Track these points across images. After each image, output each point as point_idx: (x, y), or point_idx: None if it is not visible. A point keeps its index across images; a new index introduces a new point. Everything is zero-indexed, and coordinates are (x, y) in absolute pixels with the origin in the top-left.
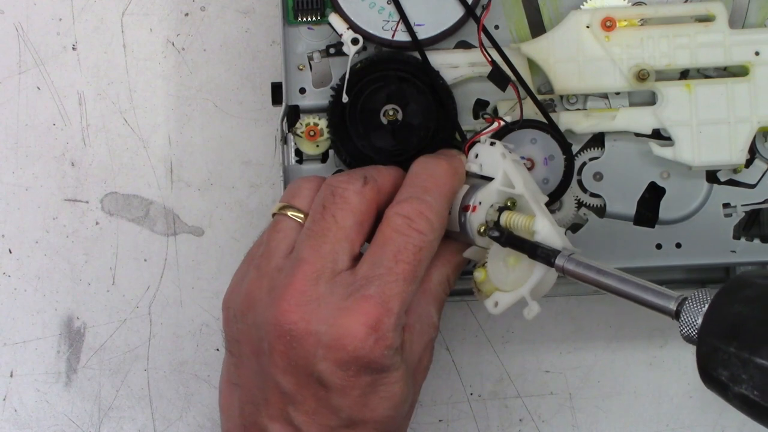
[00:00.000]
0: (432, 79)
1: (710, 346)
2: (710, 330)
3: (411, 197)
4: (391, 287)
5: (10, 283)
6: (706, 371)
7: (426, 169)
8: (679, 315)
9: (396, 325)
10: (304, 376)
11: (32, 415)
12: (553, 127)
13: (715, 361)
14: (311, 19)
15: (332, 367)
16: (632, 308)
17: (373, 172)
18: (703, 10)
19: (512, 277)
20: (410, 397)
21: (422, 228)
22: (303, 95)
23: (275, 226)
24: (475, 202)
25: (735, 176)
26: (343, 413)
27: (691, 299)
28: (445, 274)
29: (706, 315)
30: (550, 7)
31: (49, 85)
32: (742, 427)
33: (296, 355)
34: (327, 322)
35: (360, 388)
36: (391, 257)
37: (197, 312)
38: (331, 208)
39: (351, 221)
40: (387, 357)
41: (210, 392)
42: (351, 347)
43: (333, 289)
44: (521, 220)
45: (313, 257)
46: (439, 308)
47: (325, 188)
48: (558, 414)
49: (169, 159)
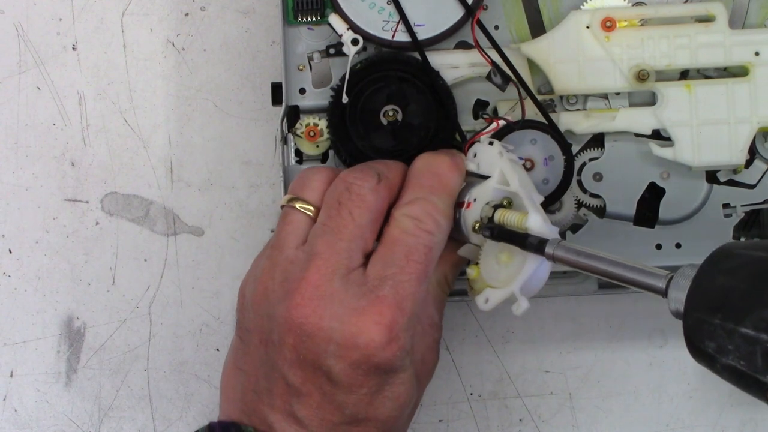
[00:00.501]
0: (432, 80)
1: (696, 318)
2: (695, 303)
3: (418, 198)
4: (405, 287)
5: (10, 283)
6: (693, 344)
7: (430, 168)
8: (667, 292)
9: (408, 326)
10: (311, 370)
11: (32, 415)
12: (553, 128)
13: (702, 333)
14: (311, 19)
15: (343, 365)
16: (632, 308)
17: (384, 169)
18: (703, 10)
19: (504, 274)
20: (414, 399)
21: (431, 228)
22: (303, 95)
23: (285, 218)
24: (470, 198)
25: (735, 176)
26: (348, 410)
27: (677, 275)
28: (442, 273)
29: (690, 288)
30: (550, 8)
31: (49, 85)
32: (742, 427)
33: (306, 349)
34: (340, 319)
35: (368, 387)
36: (402, 257)
37: (197, 312)
38: (348, 204)
39: (367, 219)
40: (399, 359)
41: (210, 392)
42: (364, 348)
43: (347, 287)
44: (514, 217)
45: (328, 253)
46: (439, 308)
47: (340, 183)
48: (558, 414)
49: (169, 159)
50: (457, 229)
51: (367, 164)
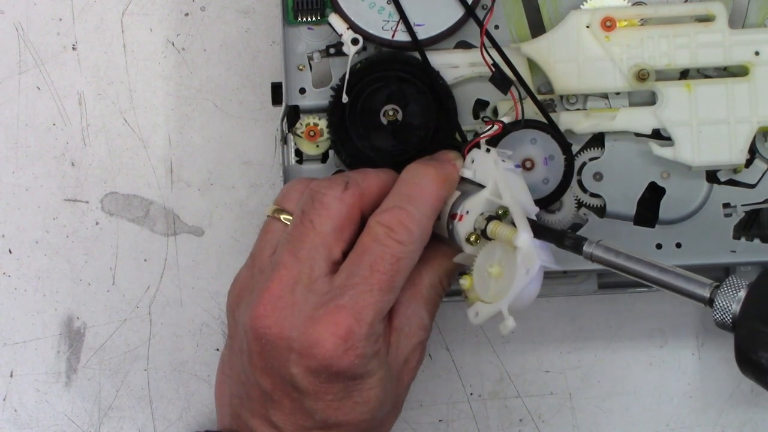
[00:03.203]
0: (432, 80)
1: (750, 328)
2: (751, 313)
3: (393, 206)
4: (365, 297)
5: (10, 283)
6: (745, 354)
7: (412, 177)
8: (713, 301)
9: (369, 334)
10: (278, 378)
11: (32, 415)
12: (553, 127)
13: (756, 343)
14: (311, 19)
15: (304, 373)
16: (632, 308)
17: (357, 177)
18: (703, 10)
19: (494, 288)
20: (389, 402)
21: (402, 238)
22: (303, 95)
23: (265, 228)
24: (462, 211)
25: (735, 176)
26: (318, 415)
27: (725, 285)
28: (436, 277)
29: (746, 298)
30: (550, 7)
31: (49, 85)
32: (742, 427)
33: (270, 358)
34: (299, 329)
35: (332, 393)
36: (367, 267)
37: (197, 312)
38: (310, 213)
39: (329, 227)
40: (358, 366)
41: (210, 392)
42: (320, 356)
43: (308, 296)
44: (505, 232)
45: (290, 262)
46: (431, 310)
47: (306, 193)
48: (558, 414)
49: (169, 159)
50: (451, 239)
51: (342, 173)
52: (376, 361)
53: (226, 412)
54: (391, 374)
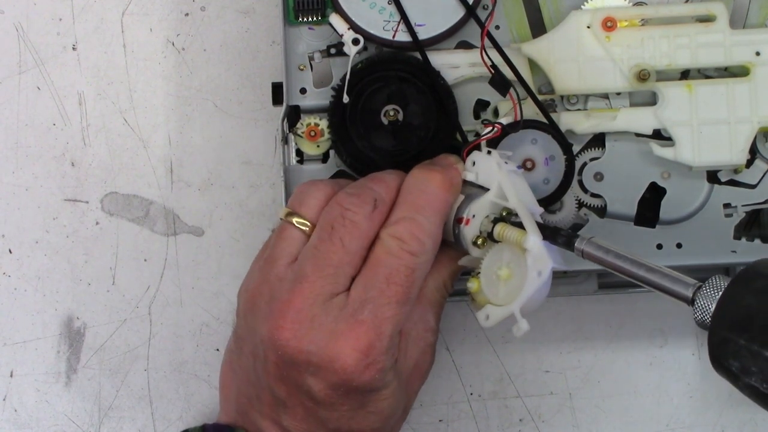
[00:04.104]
0: (432, 80)
1: (721, 336)
2: (722, 321)
3: (404, 218)
4: (384, 310)
5: (10, 283)
6: (717, 360)
7: (419, 185)
8: (694, 301)
9: (388, 347)
10: (294, 387)
11: (32, 415)
12: (553, 128)
13: (726, 351)
14: (312, 19)
15: (322, 386)
16: (632, 308)
17: (382, 192)
18: (703, 10)
19: (503, 291)
20: (400, 409)
21: (414, 250)
22: (303, 95)
23: (280, 233)
24: (468, 215)
25: (736, 176)
26: (331, 424)
27: (706, 285)
28: (441, 280)
29: (718, 305)
30: (551, 7)
31: (49, 85)
32: (742, 427)
33: (288, 369)
34: (319, 344)
35: (349, 405)
36: (383, 280)
37: (197, 312)
38: (340, 231)
39: (357, 245)
40: (378, 380)
41: (210, 392)
42: (342, 371)
43: (328, 311)
44: (514, 235)
45: (314, 276)
46: (436, 313)
47: (335, 207)
48: (558, 414)
49: (169, 159)
50: (457, 243)
51: (366, 185)
52: (392, 373)
53: (231, 407)
54: (402, 381)
